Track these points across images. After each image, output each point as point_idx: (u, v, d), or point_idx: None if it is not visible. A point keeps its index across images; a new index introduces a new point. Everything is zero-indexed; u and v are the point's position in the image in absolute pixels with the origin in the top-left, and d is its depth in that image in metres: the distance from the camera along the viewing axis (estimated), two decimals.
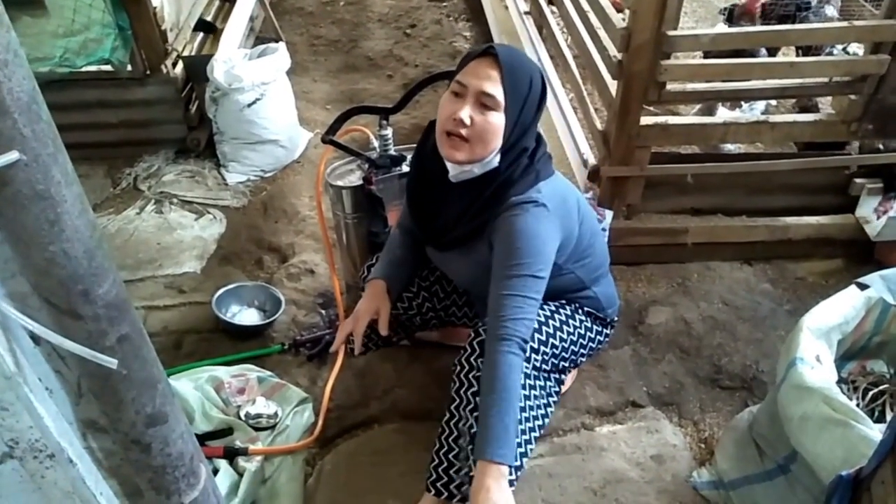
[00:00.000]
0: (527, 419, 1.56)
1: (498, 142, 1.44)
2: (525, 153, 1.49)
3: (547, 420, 1.67)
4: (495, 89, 1.39)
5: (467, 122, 1.40)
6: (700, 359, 2.11)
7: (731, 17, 3.44)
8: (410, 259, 1.76)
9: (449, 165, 1.50)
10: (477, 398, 1.46)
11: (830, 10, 3.29)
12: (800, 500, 1.43)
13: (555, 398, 1.71)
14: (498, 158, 1.47)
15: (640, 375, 2.07)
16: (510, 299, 1.42)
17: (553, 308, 1.63)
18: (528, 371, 1.56)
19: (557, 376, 1.71)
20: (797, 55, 3.19)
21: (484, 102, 1.40)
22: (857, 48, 2.90)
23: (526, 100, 1.43)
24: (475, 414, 1.48)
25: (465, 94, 1.41)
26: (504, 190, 1.47)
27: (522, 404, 1.52)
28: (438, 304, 1.83)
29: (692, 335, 2.18)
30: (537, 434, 1.61)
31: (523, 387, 1.52)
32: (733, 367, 2.08)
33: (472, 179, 1.49)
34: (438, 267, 1.76)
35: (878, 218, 2.34)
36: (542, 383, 1.63)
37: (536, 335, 1.56)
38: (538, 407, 1.62)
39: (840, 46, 2.88)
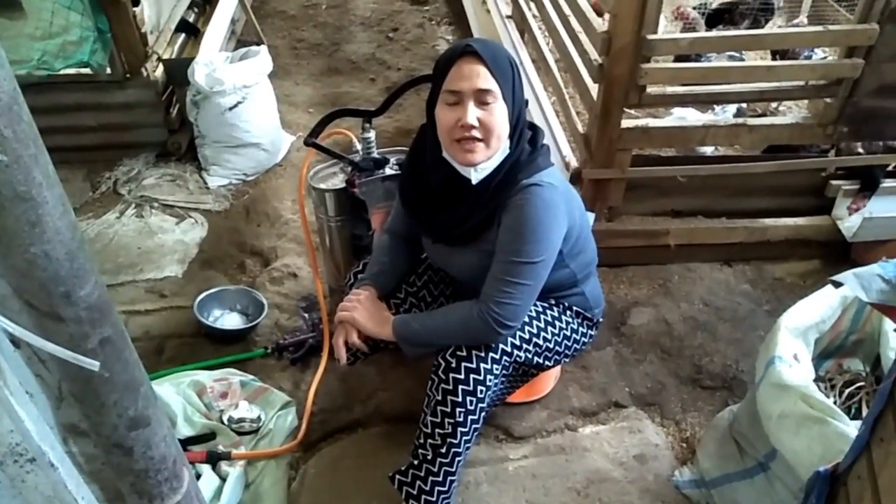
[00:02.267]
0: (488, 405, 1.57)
1: (507, 129, 1.46)
2: (525, 135, 1.51)
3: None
4: (490, 84, 1.40)
5: (475, 123, 1.41)
6: (681, 359, 2.14)
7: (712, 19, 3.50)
8: (398, 266, 1.76)
9: (467, 171, 1.49)
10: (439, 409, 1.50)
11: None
12: (779, 496, 1.45)
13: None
14: (508, 144, 1.49)
15: (622, 376, 2.08)
16: (504, 283, 1.46)
17: (540, 308, 1.64)
18: (504, 366, 1.56)
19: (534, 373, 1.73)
20: (773, 59, 3.24)
21: (483, 100, 1.41)
22: (822, 52, 2.97)
23: (513, 81, 1.45)
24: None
25: (461, 99, 1.42)
26: (513, 174, 1.48)
27: (486, 396, 1.53)
28: (426, 310, 1.83)
29: (673, 336, 2.21)
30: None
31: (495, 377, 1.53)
32: (714, 366, 2.10)
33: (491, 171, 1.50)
34: (440, 265, 1.75)
35: (850, 215, 2.38)
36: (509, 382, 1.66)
37: (519, 333, 1.56)
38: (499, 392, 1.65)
39: (819, 50, 2.95)
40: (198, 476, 1.67)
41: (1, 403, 0.84)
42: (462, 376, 1.48)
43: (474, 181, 1.49)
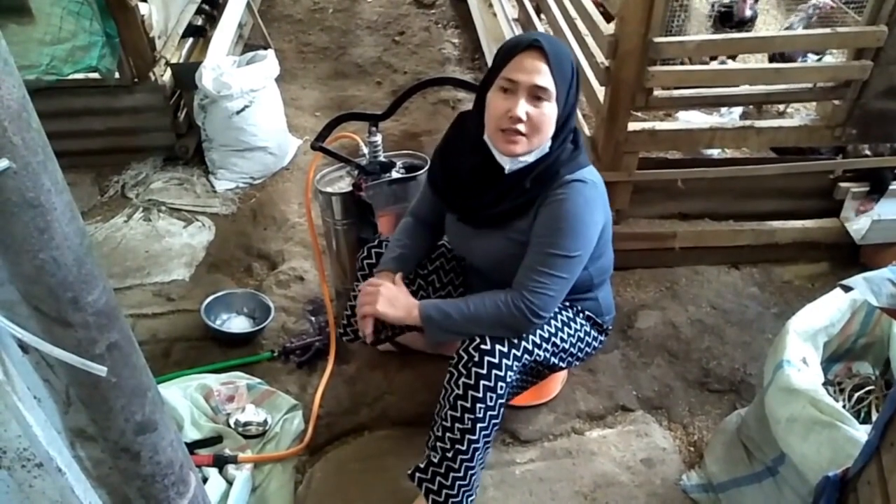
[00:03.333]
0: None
1: (552, 129, 1.47)
2: (569, 136, 1.52)
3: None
4: (547, 82, 1.41)
5: (524, 118, 1.42)
6: (689, 362, 2.13)
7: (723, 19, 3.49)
8: (419, 249, 1.77)
9: (503, 159, 1.51)
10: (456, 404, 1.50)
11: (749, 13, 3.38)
12: (788, 501, 1.44)
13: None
14: (549, 143, 1.50)
15: (629, 379, 2.08)
16: (539, 274, 1.47)
17: (557, 308, 1.64)
18: (525, 364, 1.57)
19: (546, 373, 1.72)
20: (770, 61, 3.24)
21: (538, 95, 1.42)
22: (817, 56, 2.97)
23: (570, 85, 1.46)
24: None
25: (516, 89, 1.43)
26: (554, 169, 1.49)
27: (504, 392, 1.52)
28: (433, 295, 1.82)
29: (681, 339, 2.20)
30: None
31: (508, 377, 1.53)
32: (721, 370, 2.10)
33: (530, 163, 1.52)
34: (459, 248, 1.76)
35: (857, 216, 2.37)
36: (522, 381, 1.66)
37: (539, 332, 1.57)
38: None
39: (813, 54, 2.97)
40: (204, 480, 1.68)
41: (9, 408, 0.84)
42: (484, 371, 1.47)
43: (507, 170, 1.51)
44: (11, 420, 0.86)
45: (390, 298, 1.59)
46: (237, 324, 2.29)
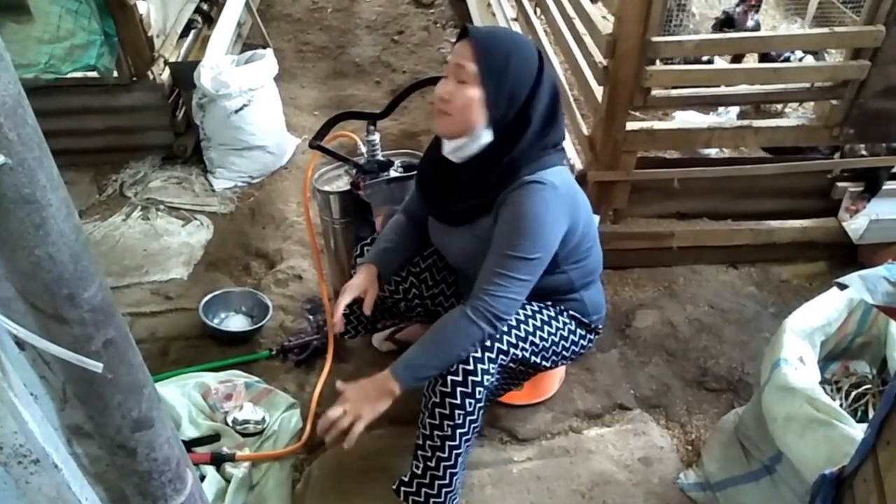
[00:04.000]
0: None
1: (478, 115, 1.47)
2: (527, 132, 1.49)
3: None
4: (468, 63, 1.44)
5: (446, 96, 1.47)
6: (686, 361, 2.13)
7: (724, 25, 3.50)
8: (405, 246, 1.78)
9: (443, 144, 1.55)
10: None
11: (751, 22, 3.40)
12: (785, 499, 1.44)
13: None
14: (489, 134, 1.49)
15: (627, 378, 2.08)
16: (498, 276, 1.46)
17: (536, 308, 1.64)
18: (501, 364, 1.56)
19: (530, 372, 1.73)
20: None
21: (460, 78, 1.46)
22: (800, 53, 2.98)
23: (503, 73, 1.45)
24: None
25: (448, 73, 1.49)
26: (513, 168, 1.49)
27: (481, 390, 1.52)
28: (426, 292, 1.83)
29: (678, 338, 2.20)
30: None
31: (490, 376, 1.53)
32: (719, 369, 2.10)
33: (480, 157, 1.52)
34: (437, 245, 1.77)
35: (851, 217, 2.37)
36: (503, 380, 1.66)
37: (514, 331, 1.56)
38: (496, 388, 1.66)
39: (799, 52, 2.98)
40: (202, 477, 1.68)
41: (5, 405, 0.84)
42: (460, 378, 1.48)
43: (445, 152, 1.56)
44: (8, 416, 0.86)
45: (362, 399, 1.50)
46: (235, 322, 2.29)
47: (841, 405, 1.61)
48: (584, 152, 2.47)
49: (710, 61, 3.12)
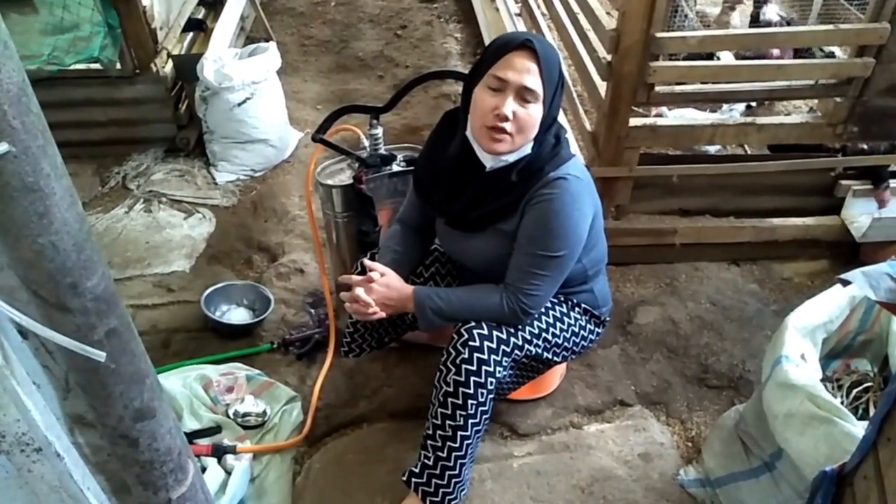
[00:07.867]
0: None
1: (535, 131, 1.47)
2: (551, 135, 1.51)
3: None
4: (536, 83, 1.40)
5: (511, 117, 1.41)
6: (687, 358, 2.13)
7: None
8: (411, 255, 1.76)
9: (485, 157, 1.51)
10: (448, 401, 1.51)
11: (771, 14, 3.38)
12: (785, 496, 1.44)
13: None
14: (531, 144, 1.49)
15: (628, 374, 2.08)
16: (532, 276, 1.49)
17: (550, 304, 1.64)
18: (515, 359, 1.57)
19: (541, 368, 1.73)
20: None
21: (525, 97, 1.41)
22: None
23: (557, 88, 1.46)
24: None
25: (504, 88, 1.41)
26: (537, 166, 1.49)
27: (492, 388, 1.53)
28: None
29: (680, 335, 2.20)
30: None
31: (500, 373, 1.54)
32: (720, 366, 2.10)
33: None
34: (451, 253, 1.75)
35: (878, 210, 2.37)
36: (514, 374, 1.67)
37: (529, 328, 1.57)
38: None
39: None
40: (203, 469, 1.68)
41: (8, 393, 0.84)
42: (474, 367, 1.48)
43: (487, 167, 1.51)
44: (10, 405, 0.86)
45: (382, 290, 1.56)
46: (237, 315, 2.29)
47: (842, 402, 1.61)
48: (587, 148, 2.47)
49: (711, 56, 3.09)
